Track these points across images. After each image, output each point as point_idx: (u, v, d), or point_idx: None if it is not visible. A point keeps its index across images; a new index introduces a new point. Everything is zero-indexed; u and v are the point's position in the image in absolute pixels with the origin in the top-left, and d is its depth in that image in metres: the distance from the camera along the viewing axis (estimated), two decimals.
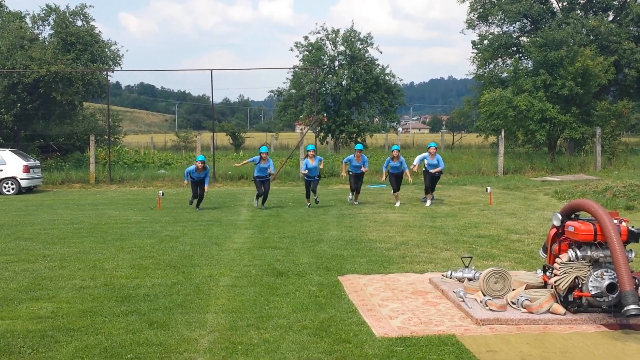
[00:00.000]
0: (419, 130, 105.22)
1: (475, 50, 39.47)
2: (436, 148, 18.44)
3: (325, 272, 9.34)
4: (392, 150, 18.47)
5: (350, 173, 18.28)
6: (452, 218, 14.92)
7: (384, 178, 18.73)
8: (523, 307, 7.16)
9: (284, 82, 47.38)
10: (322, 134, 44.48)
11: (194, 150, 31.99)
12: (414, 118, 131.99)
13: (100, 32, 34.44)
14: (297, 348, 6.08)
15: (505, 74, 36.98)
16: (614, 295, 6.81)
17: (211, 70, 27.06)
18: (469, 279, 8.24)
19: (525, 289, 7.57)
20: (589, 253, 7.02)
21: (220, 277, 9.09)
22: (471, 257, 8.86)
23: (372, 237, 12.39)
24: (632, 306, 6.42)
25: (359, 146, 18.80)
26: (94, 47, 33.10)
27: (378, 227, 13.67)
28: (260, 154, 17.17)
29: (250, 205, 17.91)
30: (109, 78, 31.48)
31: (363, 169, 18.19)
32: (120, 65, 34.57)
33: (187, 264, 9.99)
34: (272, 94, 47.46)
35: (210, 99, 30.11)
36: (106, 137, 31.49)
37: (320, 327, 6.70)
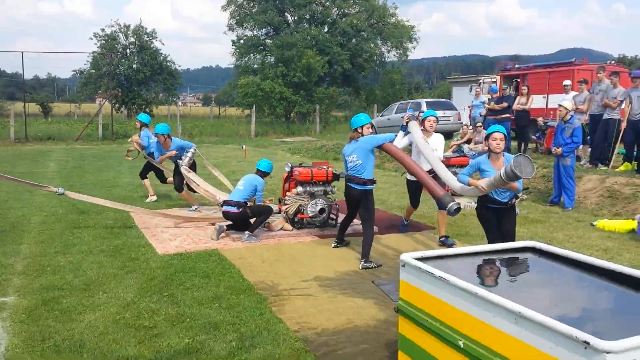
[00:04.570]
0: (195, 104, 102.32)
1: (234, 47, 39.20)
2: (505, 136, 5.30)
3: (119, 209, 8.80)
4: (425, 118, 6.67)
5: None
6: (219, 168, 14.82)
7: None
8: (265, 227, 7.46)
9: (85, 64, 42.93)
10: (117, 105, 41.30)
11: (8, 117, 27.71)
12: (190, 95, 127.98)
13: None
14: (96, 266, 5.73)
15: (255, 65, 37.34)
16: (324, 216, 7.39)
17: (22, 52, 23.49)
18: None
19: None
20: (308, 189, 7.50)
21: (32, 216, 8.19)
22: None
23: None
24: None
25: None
26: None
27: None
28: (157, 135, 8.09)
29: (57, 160, 16.10)
30: None
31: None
32: None
33: (3, 207, 8.84)
34: (76, 72, 43.12)
35: (22, 76, 26.49)
36: None
37: (114, 250, 6.37)
